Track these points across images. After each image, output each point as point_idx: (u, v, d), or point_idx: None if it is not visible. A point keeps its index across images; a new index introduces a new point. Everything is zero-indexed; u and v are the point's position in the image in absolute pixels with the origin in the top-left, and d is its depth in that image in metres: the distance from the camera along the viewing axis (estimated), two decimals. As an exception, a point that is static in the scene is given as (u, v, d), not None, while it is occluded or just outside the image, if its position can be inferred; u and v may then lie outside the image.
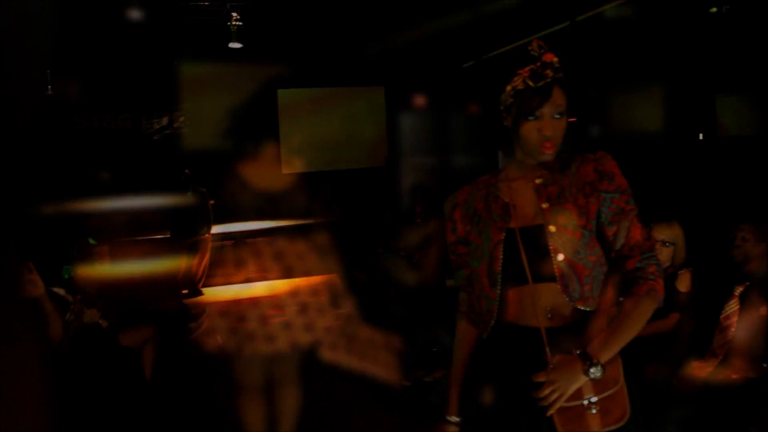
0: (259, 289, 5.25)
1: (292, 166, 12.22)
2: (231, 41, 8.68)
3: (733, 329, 3.28)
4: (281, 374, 4.03)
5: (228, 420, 4.56)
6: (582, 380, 1.69)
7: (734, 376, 3.06)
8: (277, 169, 4.58)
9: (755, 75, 7.44)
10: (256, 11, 8.52)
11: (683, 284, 3.64)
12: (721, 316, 3.34)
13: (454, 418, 2.05)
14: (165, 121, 11.33)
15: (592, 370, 1.68)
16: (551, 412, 1.70)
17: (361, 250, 7.56)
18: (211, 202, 8.78)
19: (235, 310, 4.10)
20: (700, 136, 8.24)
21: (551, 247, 1.77)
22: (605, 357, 1.70)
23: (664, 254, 3.70)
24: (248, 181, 4.21)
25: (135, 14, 8.28)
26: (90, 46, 9.01)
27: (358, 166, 12.32)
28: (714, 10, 6.89)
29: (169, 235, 8.71)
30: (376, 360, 3.39)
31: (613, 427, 1.72)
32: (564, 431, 1.71)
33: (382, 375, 3.29)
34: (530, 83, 1.78)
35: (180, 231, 8.55)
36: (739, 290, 3.33)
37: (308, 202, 4.81)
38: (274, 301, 4.49)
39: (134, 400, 4.28)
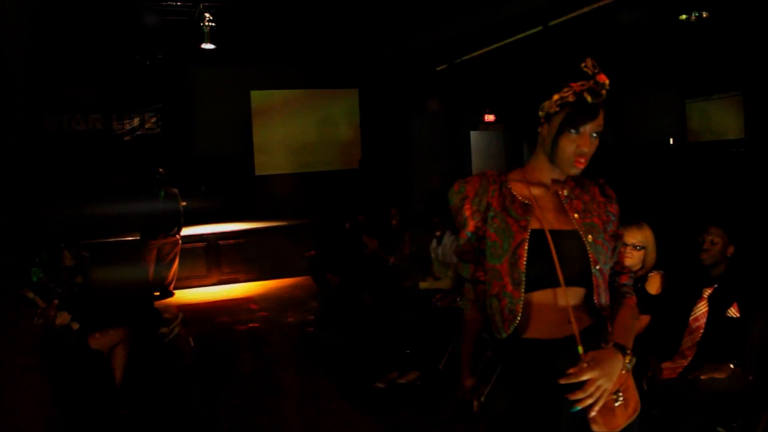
0: (231, 291, 5.18)
1: (265, 168, 12.22)
2: (204, 42, 8.60)
3: (701, 331, 3.33)
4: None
5: (200, 423, 4.52)
6: (619, 372, 1.74)
7: (703, 377, 3.10)
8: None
9: (727, 80, 7.58)
10: (229, 12, 8.46)
11: (653, 286, 3.68)
12: (690, 318, 3.38)
13: (472, 381, 2.12)
14: (136, 121, 11.20)
15: (628, 360, 1.77)
16: (595, 410, 1.71)
17: (333, 253, 7.54)
18: (183, 203, 8.71)
19: (207, 312, 4.07)
20: (671, 141, 8.38)
21: (591, 257, 1.86)
22: (630, 348, 1.80)
23: (635, 258, 3.73)
24: (220, 182, 4.20)
25: (107, 14, 8.18)
26: (60, 46, 8.89)
27: (332, 168, 12.29)
28: (683, 17, 7.00)
29: (138, 237, 8.62)
30: None
31: (633, 418, 1.80)
32: (599, 428, 1.74)
33: None
34: (588, 98, 1.81)
35: (150, 232, 8.47)
36: (707, 292, 3.38)
37: (281, 204, 4.81)
38: (247, 303, 4.45)
39: (104, 404, 4.22)
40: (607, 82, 1.83)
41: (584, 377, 1.69)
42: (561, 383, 1.70)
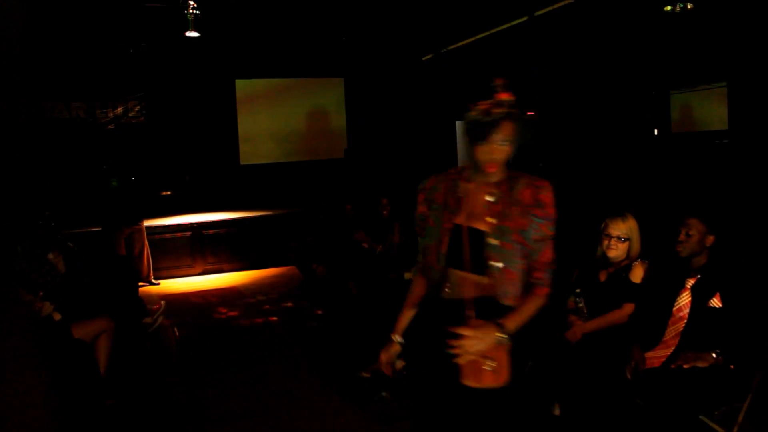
0: (216, 281, 5.13)
1: (250, 158, 12.18)
2: (188, 30, 8.52)
3: (684, 321, 3.36)
4: None
5: (185, 413, 4.51)
6: (491, 341, 2.18)
7: (686, 366, 3.13)
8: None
9: (711, 71, 7.62)
10: (213, 0, 8.39)
11: (636, 276, 3.71)
12: (674, 308, 3.41)
13: (398, 338, 2.67)
14: (120, 110, 11.11)
15: (500, 335, 2.18)
16: (461, 360, 2.18)
17: (320, 243, 7.54)
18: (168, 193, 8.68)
19: (192, 302, 4.04)
20: (656, 132, 8.42)
21: (488, 255, 2.28)
22: (511, 328, 2.21)
23: (620, 249, 3.77)
24: (205, 171, 4.17)
25: (90, 1, 8.09)
26: (42, 33, 8.78)
27: (317, 157, 12.27)
28: (668, 8, 7.02)
29: (100, 229, 8.55)
30: None
31: (499, 386, 2.21)
32: (466, 381, 2.21)
33: None
34: (484, 117, 2.23)
35: (113, 224, 8.41)
36: (690, 282, 3.41)
37: (266, 193, 4.77)
38: (232, 293, 4.43)
39: (88, 394, 4.20)
40: (510, 99, 2.25)
41: (461, 332, 2.16)
42: (448, 331, 2.18)
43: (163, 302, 6.38)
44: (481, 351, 2.16)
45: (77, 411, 4.03)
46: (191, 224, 9.62)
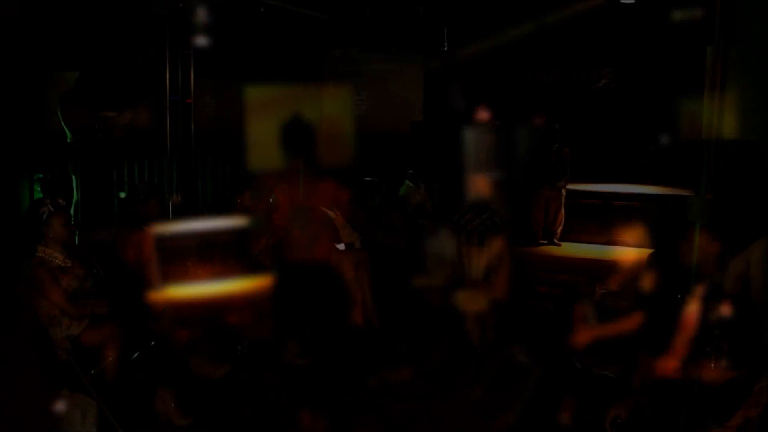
0: (224, 285, 5.16)
1: (258, 163, 12.15)
2: (197, 36, 8.55)
3: (693, 329, 3.34)
4: None
5: (193, 420, 4.51)
6: None
7: (694, 375, 3.12)
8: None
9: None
10: (221, 6, 8.43)
11: (645, 284, 3.69)
12: (683, 316, 3.39)
13: None
14: (128, 117, 11.14)
15: None
16: None
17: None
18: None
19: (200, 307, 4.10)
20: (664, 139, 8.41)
21: None
22: None
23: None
24: (213, 178, 4.19)
25: (96, 6, 8.15)
26: (49, 38, 8.83)
27: (324, 164, 12.24)
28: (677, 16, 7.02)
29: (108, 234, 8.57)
30: None
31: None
32: None
33: None
34: None
35: (121, 228, 8.43)
36: (699, 291, 3.39)
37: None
38: (240, 298, 4.45)
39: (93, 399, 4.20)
40: None
41: None
42: None
43: (166, 308, 6.36)
44: None
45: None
46: (201, 230, 9.61)
